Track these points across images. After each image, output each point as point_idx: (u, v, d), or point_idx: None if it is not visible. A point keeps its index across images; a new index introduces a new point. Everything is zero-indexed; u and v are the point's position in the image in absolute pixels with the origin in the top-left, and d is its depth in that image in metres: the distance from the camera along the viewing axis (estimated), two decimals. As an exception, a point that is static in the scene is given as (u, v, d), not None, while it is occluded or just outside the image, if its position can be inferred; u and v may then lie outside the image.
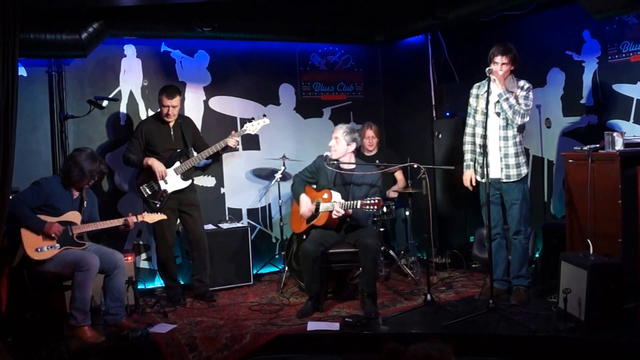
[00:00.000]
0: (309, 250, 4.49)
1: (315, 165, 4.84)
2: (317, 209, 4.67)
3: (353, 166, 4.70)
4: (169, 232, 5.05)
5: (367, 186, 4.65)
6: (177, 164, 4.98)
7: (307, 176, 4.87)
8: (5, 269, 4.09)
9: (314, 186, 4.83)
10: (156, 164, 4.88)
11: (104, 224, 4.34)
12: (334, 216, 4.48)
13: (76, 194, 4.33)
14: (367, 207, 4.28)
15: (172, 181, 4.96)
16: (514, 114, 4.37)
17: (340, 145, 4.63)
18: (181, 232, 5.38)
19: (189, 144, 5.09)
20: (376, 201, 4.26)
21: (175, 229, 5.19)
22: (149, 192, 4.93)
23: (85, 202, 4.35)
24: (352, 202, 4.42)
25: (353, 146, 4.67)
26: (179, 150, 5.01)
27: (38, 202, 4.15)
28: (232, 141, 5.07)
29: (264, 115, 5.36)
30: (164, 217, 4.65)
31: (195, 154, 5.07)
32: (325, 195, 4.62)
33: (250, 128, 5.21)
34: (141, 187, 4.95)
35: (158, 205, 4.91)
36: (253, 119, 5.25)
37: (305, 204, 4.69)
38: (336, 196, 4.57)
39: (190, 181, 5.06)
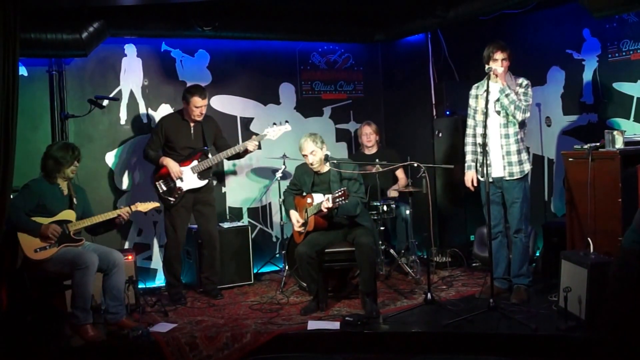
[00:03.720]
0: (301, 252, 4.55)
1: (296, 176, 4.97)
2: (306, 215, 4.75)
3: (327, 167, 4.76)
4: (181, 230, 5.06)
5: (346, 180, 4.70)
6: (195, 162, 4.98)
7: (292, 189, 5.01)
8: (5, 269, 4.09)
9: (304, 194, 4.87)
10: (171, 164, 4.90)
11: (98, 218, 4.35)
12: (324, 209, 4.50)
13: (65, 189, 4.33)
14: (337, 199, 4.35)
15: (188, 179, 4.97)
16: (515, 109, 4.38)
17: (317, 155, 4.67)
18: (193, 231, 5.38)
19: (208, 144, 5.08)
20: (341, 192, 4.34)
21: (187, 227, 5.19)
22: (165, 189, 4.96)
23: (75, 199, 4.35)
24: (328, 196, 4.47)
25: (325, 147, 4.74)
26: (198, 150, 5.02)
27: (31, 205, 4.15)
28: (251, 145, 5.04)
29: (287, 122, 5.29)
30: (157, 205, 4.63)
31: (212, 155, 5.06)
32: (309, 200, 4.73)
33: (271, 133, 5.15)
34: (157, 183, 4.98)
35: (172, 202, 4.94)
36: (275, 124, 5.20)
37: (295, 220, 4.84)
38: (318, 197, 4.65)
39: (206, 181, 5.04)
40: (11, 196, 3.95)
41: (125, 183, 5.66)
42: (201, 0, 5.04)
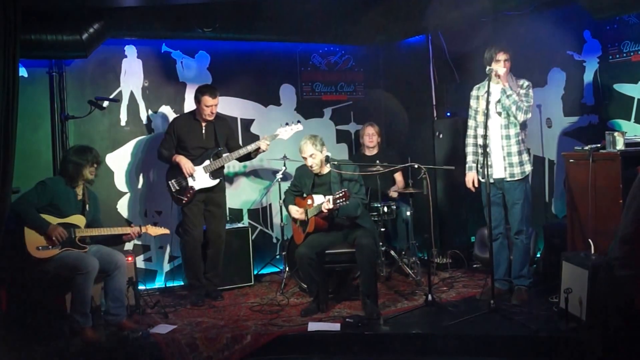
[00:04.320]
0: (302, 253, 4.56)
1: (296, 177, 4.98)
2: (306, 216, 4.75)
3: (328, 168, 4.79)
4: (198, 228, 5.09)
5: (346, 182, 4.72)
6: (207, 162, 5.03)
7: (293, 190, 5.02)
8: (5, 269, 4.09)
9: (305, 195, 4.87)
10: (183, 162, 4.95)
11: (107, 230, 4.35)
12: (324, 210, 4.49)
13: (80, 194, 4.34)
14: (338, 200, 4.36)
15: (200, 179, 5.01)
16: (517, 110, 4.38)
17: (317, 158, 4.68)
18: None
19: (220, 144, 5.12)
20: (342, 193, 4.35)
21: (203, 225, 5.20)
22: (177, 188, 5.02)
23: (87, 205, 4.36)
24: (329, 197, 4.47)
25: (325, 149, 4.75)
26: (210, 149, 5.06)
27: (44, 202, 4.16)
28: (263, 144, 5.10)
29: (298, 122, 5.33)
30: (167, 231, 4.67)
31: (225, 154, 5.11)
32: (310, 202, 4.74)
33: (283, 133, 5.22)
34: (170, 182, 5.04)
35: (184, 201, 4.98)
36: (287, 124, 5.24)
37: (295, 211, 4.85)
38: (318, 199, 4.65)
39: (218, 180, 5.09)
40: (11, 198, 3.95)
41: (126, 185, 5.65)
42: (202, 1, 5.04)
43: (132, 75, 5.67)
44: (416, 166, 4.67)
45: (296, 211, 4.82)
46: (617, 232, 2.73)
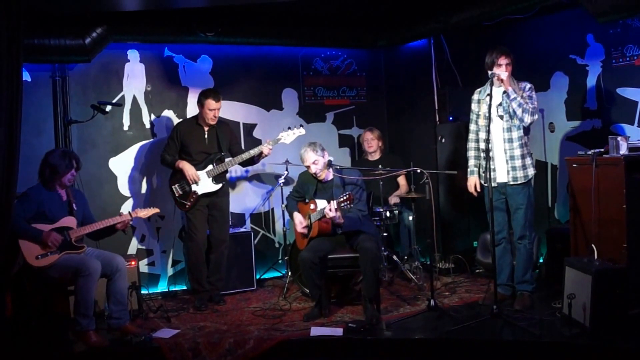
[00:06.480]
0: (305, 257, 4.55)
1: (299, 183, 4.99)
2: (309, 221, 4.75)
3: (331, 174, 4.81)
4: (201, 233, 5.09)
5: (350, 186, 4.73)
6: (210, 167, 5.05)
7: (295, 195, 5.02)
8: (10, 275, 4.09)
9: (307, 200, 4.87)
10: (187, 168, 4.96)
11: (100, 224, 4.35)
12: (328, 215, 4.49)
13: (64, 195, 4.32)
14: (342, 204, 4.37)
15: (203, 183, 5.02)
16: (524, 113, 4.37)
17: (320, 163, 4.70)
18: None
19: (223, 149, 5.13)
20: (346, 196, 4.36)
21: (206, 230, 5.20)
22: (180, 192, 5.04)
23: (74, 205, 4.34)
24: (333, 202, 4.47)
25: (326, 154, 4.77)
26: (213, 154, 5.07)
27: (31, 212, 4.14)
28: (266, 149, 5.11)
29: (301, 126, 5.33)
30: (157, 210, 4.66)
31: (228, 159, 5.12)
32: (312, 206, 4.74)
33: (286, 137, 5.21)
34: (173, 187, 5.06)
35: (187, 206, 5.00)
36: (290, 128, 5.25)
37: (298, 221, 4.85)
38: (321, 203, 4.65)
39: (221, 185, 5.10)
40: (15, 202, 3.95)
41: (128, 189, 5.65)
42: (204, 6, 5.05)
43: (134, 79, 5.68)
44: (419, 171, 4.67)
45: (300, 223, 4.82)
46: None
